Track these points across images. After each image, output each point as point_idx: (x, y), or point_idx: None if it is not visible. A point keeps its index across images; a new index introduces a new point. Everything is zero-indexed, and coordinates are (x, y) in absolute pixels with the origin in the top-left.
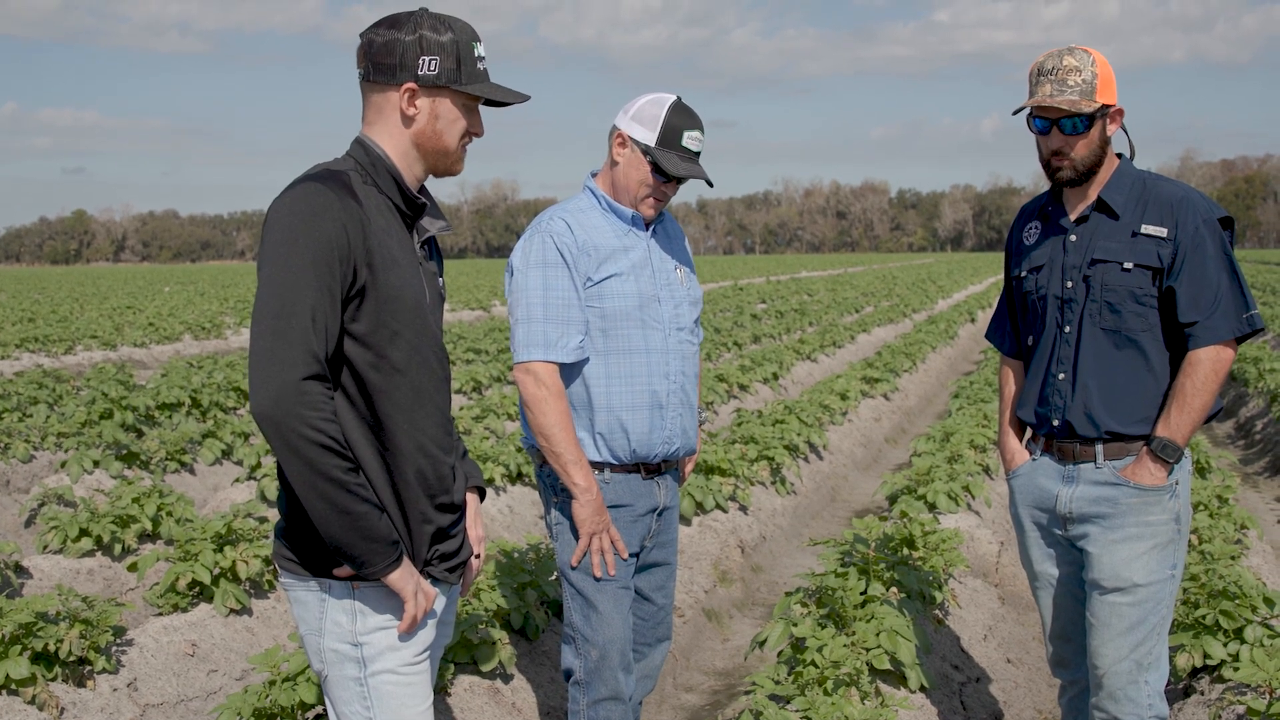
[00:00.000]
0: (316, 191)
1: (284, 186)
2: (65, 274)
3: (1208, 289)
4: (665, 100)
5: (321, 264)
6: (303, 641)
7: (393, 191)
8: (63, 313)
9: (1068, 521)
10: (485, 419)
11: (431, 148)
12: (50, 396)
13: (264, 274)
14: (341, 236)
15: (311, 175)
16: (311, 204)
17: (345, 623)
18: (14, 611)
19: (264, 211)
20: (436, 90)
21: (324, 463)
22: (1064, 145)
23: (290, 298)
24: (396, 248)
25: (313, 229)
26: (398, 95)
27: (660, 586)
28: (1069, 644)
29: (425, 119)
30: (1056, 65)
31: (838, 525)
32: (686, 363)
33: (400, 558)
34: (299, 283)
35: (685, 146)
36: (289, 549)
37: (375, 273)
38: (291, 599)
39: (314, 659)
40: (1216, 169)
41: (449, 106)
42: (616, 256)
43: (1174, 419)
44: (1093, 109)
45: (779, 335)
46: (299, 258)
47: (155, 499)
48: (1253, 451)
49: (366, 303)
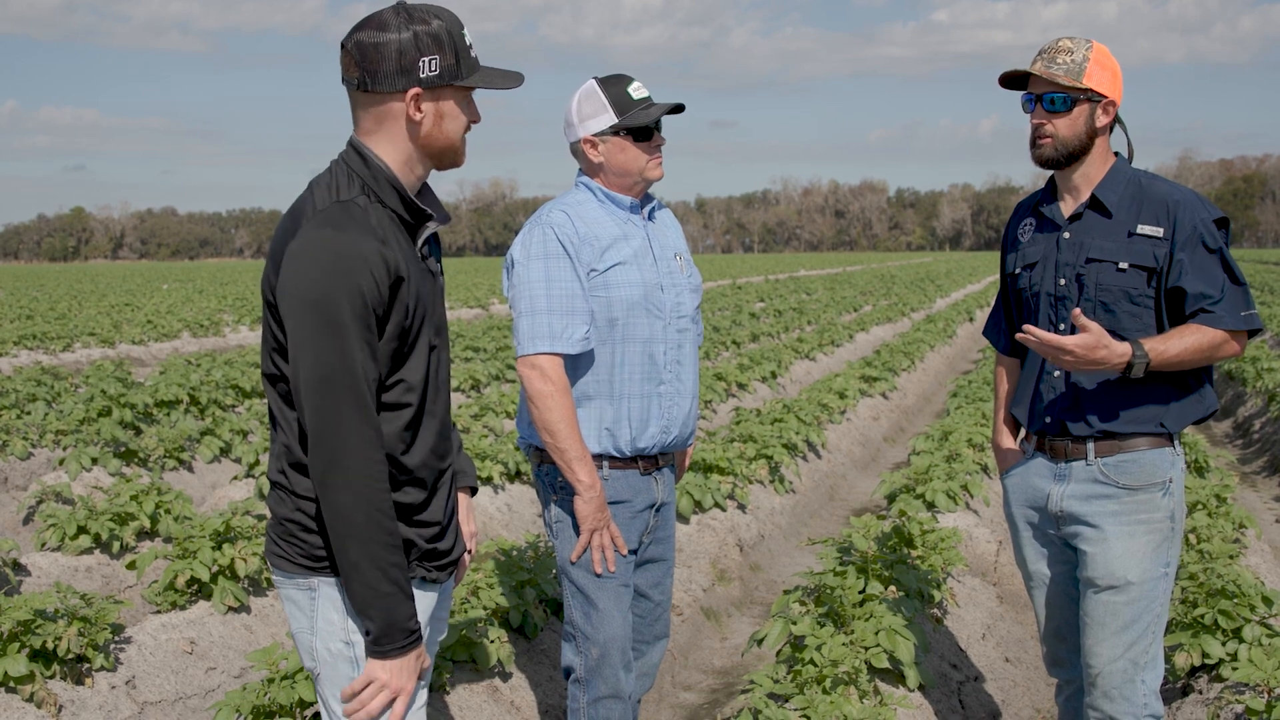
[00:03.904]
0: (340, 241)
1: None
2: (63, 271)
3: (1211, 288)
4: (589, 86)
5: (360, 322)
6: (295, 640)
7: (395, 203)
8: (61, 310)
9: (1060, 520)
10: (484, 417)
11: (439, 148)
12: (49, 394)
13: (306, 342)
14: (373, 287)
15: (328, 216)
16: (338, 257)
17: (338, 620)
18: (12, 609)
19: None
20: (439, 90)
21: (378, 541)
22: (1046, 121)
23: (341, 364)
24: (408, 265)
25: (343, 287)
26: (402, 103)
27: (657, 583)
28: (1064, 643)
29: (431, 121)
30: (1052, 46)
31: (836, 524)
32: (687, 351)
33: (407, 648)
34: (345, 347)
35: (637, 98)
36: (280, 545)
37: (396, 305)
38: (284, 597)
39: (306, 658)
40: (1215, 169)
41: (452, 104)
42: (618, 245)
43: (1156, 340)
44: (1073, 86)
45: (777, 334)
46: (340, 321)
47: (154, 496)
48: (1251, 451)
49: (386, 332)
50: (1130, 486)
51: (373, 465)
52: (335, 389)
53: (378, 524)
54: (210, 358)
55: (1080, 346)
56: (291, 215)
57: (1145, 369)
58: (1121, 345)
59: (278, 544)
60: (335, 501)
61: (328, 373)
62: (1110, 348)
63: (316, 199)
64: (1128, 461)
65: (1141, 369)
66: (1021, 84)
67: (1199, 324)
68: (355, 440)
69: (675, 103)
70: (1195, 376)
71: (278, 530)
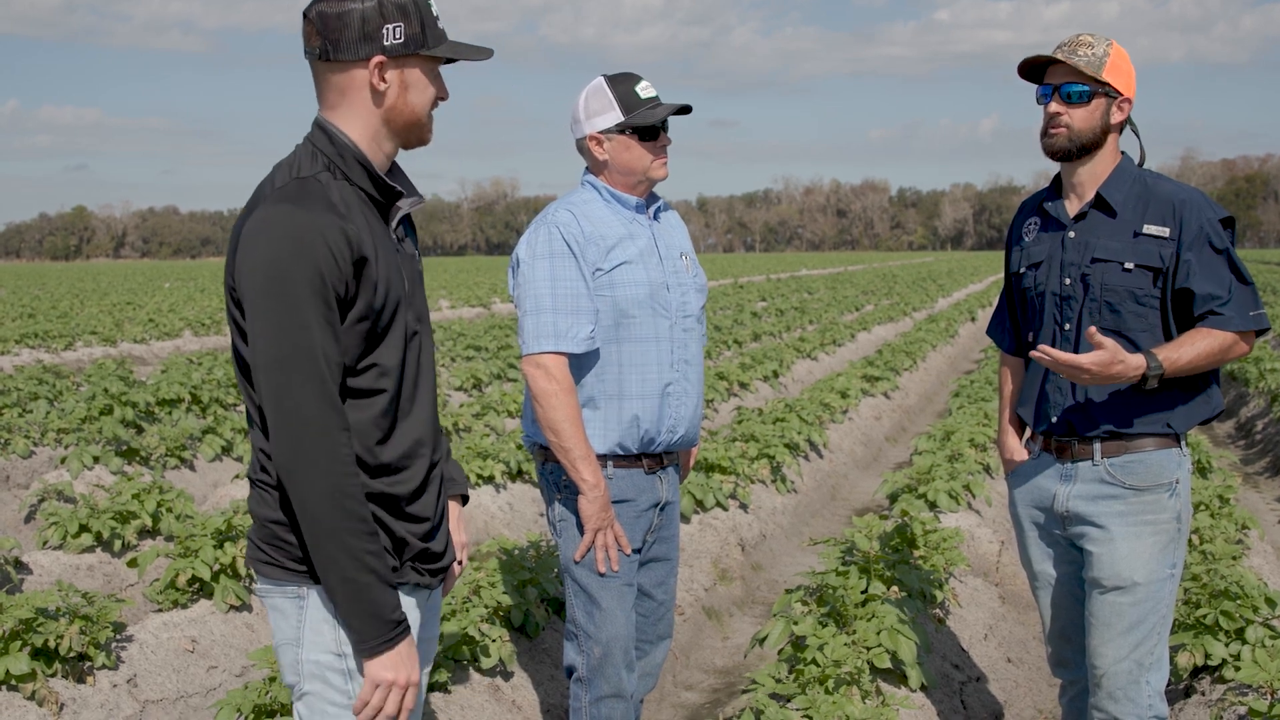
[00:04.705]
0: (294, 216)
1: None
2: (65, 270)
3: (1219, 288)
4: (597, 83)
5: (319, 299)
6: (278, 653)
7: (363, 181)
8: (63, 308)
9: (1066, 520)
10: (485, 416)
11: (404, 122)
12: (50, 392)
13: (262, 321)
14: (331, 263)
15: (285, 193)
16: (295, 232)
17: (329, 631)
18: (14, 607)
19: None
20: (404, 59)
21: (348, 530)
22: (1063, 111)
23: (299, 343)
24: (376, 244)
25: (301, 263)
26: (365, 72)
27: (661, 582)
28: (1069, 644)
29: (396, 92)
30: (1073, 40)
31: (838, 524)
32: (693, 350)
33: (395, 640)
34: (302, 326)
35: (645, 97)
36: (264, 550)
37: (363, 284)
38: (269, 606)
39: (288, 673)
40: (1217, 168)
41: (418, 75)
42: (624, 244)
43: (1168, 349)
44: (1093, 77)
45: (779, 333)
46: (296, 298)
47: (155, 495)
48: (1253, 451)
49: (353, 313)
50: (1137, 487)
51: (337, 448)
52: (294, 368)
53: (345, 509)
54: (212, 356)
55: (1096, 364)
56: (251, 198)
57: (1160, 379)
58: (1136, 358)
59: (261, 549)
60: (300, 488)
61: (285, 352)
62: (1126, 362)
63: (276, 179)
64: (1134, 462)
65: (1156, 380)
66: (1037, 77)
67: (1208, 328)
68: (316, 421)
69: (682, 104)
70: (1202, 377)
71: (261, 534)
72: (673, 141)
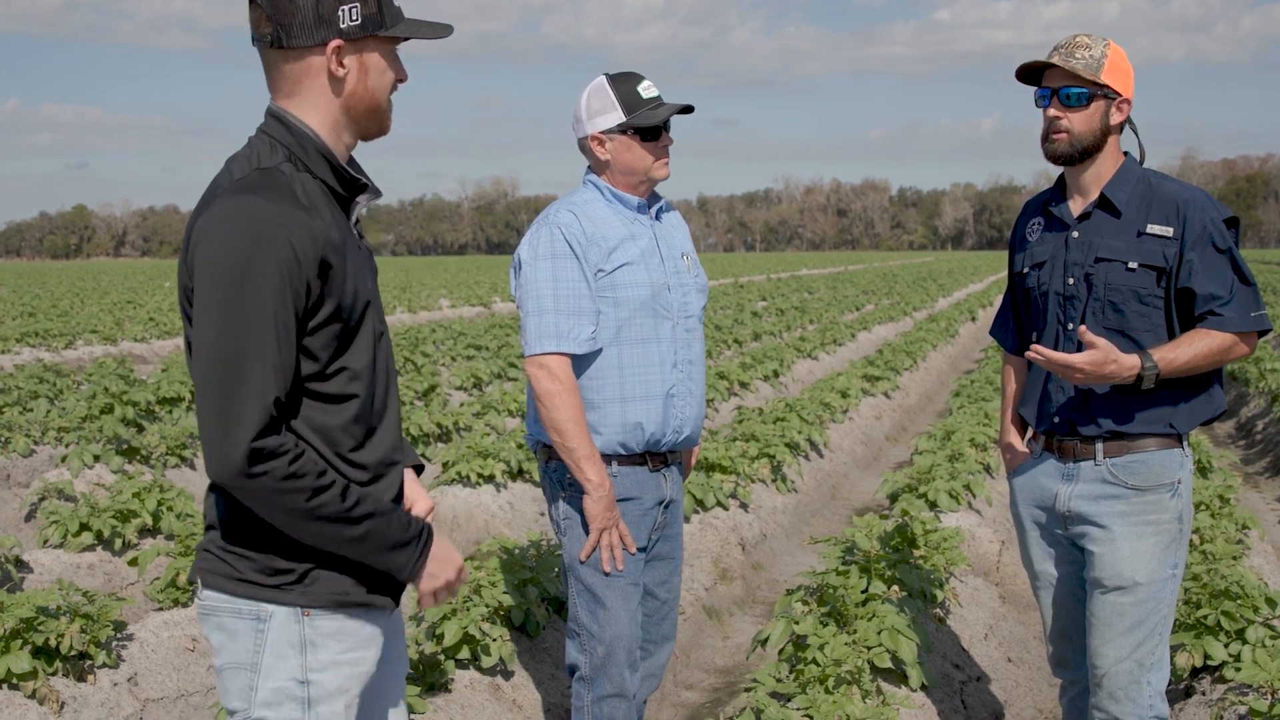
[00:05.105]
0: (257, 208)
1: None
2: (65, 269)
3: (1220, 288)
4: (599, 83)
5: (277, 297)
6: (220, 677)
7: (325, 173)
8: (63, 307)
9: (1067, 520)
10: (486, 415)
11: (364, 109)
12: (51, 391)
13: (210, 315)
14: (292, 260)
15: (247, 184)
16: (255, 226)
17: (292, 656)
18: (15, 606)
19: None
20: (361, 41)
21: (308, 506)
22: (1062, 116)
23: (243, 344)
24: (344, 241)
25: (261, 256)
26: (322, 58)
27: (664, 581)
28: (1070, 644)
29: (355, 77)
30: (1069, 42)
31: (838, 523)
32: (695, 350)
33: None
34: (252, 324)
35: (647, 97)
36: (218, 563)
37: (330, 285)
38: (214, 626)
39: (235, 698)
40: (1218, 168)
41: (377, 58)
42: (625, 245)
43: (1165, 349)
44: (1091, 80)
45: (779, 333)
46: (251, 295)
47: (156, 494)
48: (1254, 451)
49: (321, 314)
50: (1139, 487)
51: (280, 465)
52: (241, 369)
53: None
54: None
55: (1089, 363)
56: (206, 193)
57: (1155, 379)
58: (1130, 358)
59: (214, 559)
60: (253, 504)
61: (232, 351)
62: (1119, 362)
63: (234, 171)
64: (1136, 462)
65: (1152, 380)
66: (1036, 80)
67: (1207, 329)
68: (252, 420)
69: (684, 104)
70: (1204, 377)
71: (217, 543)
72: (675, 141)
